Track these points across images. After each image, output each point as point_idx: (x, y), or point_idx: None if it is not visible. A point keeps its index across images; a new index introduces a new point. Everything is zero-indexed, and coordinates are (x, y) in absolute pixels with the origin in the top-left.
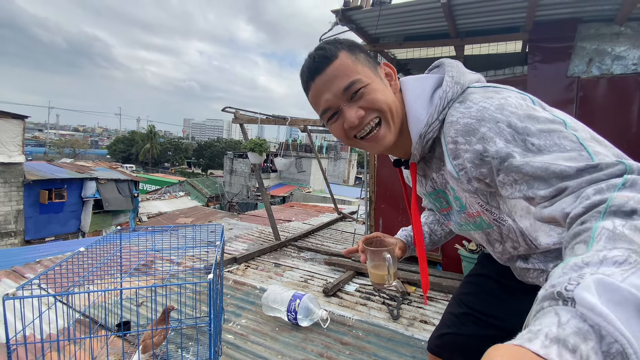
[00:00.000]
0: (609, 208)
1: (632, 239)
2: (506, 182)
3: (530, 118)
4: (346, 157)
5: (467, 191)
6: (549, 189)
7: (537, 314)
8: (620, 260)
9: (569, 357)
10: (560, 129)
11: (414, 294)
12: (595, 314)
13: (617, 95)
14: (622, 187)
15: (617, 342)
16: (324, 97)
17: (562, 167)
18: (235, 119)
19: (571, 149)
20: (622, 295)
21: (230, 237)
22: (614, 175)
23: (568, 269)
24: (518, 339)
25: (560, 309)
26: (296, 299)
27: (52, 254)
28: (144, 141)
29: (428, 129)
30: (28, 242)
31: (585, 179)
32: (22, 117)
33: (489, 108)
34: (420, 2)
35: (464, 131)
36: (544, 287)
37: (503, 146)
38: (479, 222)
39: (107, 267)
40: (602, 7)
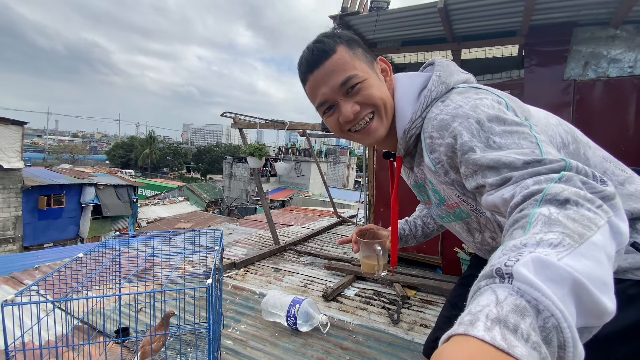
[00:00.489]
0: (545, 196)
1: (566, 224)
2: (467, 174)
3: (498, 119)
4: (345, 161)
5: (444, 183)
6: (497, 177)
7: (475, 294)
8: (555, 243)
9: (512, 337)
10: (523, 131)
11: (414, 298)
12: (533, 289)
13: (614, 98)
14: (559, 180)
15: (553, 316)
16: (320, 90)
17: (511, 159)
18: (234, 123)
19: (527, 147)
20: (558, 274)
21: (230, 242)
22: (554, 170)
23: (507, 250)
24: (460, 324)
25: (496, 286)
26: (296, 303)
27: (51, 260)
28: (143, 146)
29: (411, 125)
30: (27, 248)
31: (528, 171)
32: (21, 123)
33: (464, 106)
34: (417, 7)
35: (439, 126)
36: (484, 268)
37: (468, 140)
38: (459, 212)
39: (105, 273)
40: (597, 10)
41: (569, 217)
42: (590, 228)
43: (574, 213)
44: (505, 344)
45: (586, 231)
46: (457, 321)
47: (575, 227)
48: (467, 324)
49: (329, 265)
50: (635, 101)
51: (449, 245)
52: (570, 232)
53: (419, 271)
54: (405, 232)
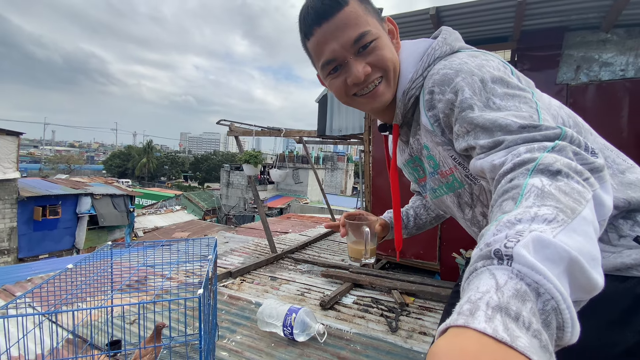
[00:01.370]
0: (538, 166)
1: (559, 198)
2: (459, 134)
3: (501, 81)
4: (343, 168)
5: (440, 144)
6: (490, 139)
7: (471, 275)
8: (549, 218)
9: (514, 326)
10: (525, 96)
11: (413, 305)
12: (535, 272)
13: (606, 101)
14: (552, 150)
15: (553, 299)
16: (330, 46)
17: (508, 121)
18: (230, 131)
19: (526, 111)
20: (557, 252)
21: (226, 250)
22: (548, 137)
23: (502, 225)
24: (459, 314)
25: (495, 268)
26: (292, 313)
27: (44, 272)
28: (141, 156)
29: (411, 85)
30: (21, 260)
31: (522, 136)
32: (16, 134)
33: (470, 63)
34: (410, 14)
35: (440, 81)
36: (478, 246)
37: (468, 96)
38: (452, 181)
39: (97, 284)
40: (587, 15)
41: (560, 189)
42: (580, 202)
43: (565, 185)
44: (507, 335)
45: (577, 205)
46: (456, 310)
47: (567, 201)
48: (467, 314)
49: (327, 273)
50: (628, 104)
51: (447, 251)
52: (563, 206)
53: (417, 277)
54: None
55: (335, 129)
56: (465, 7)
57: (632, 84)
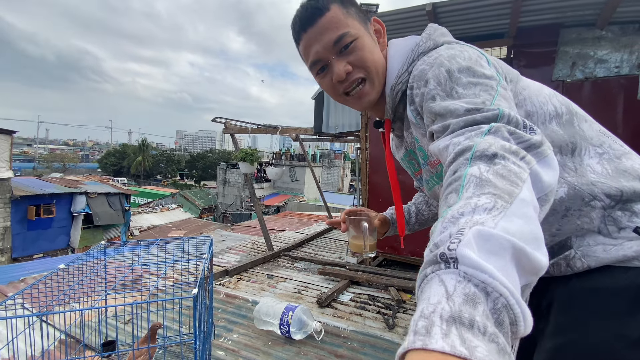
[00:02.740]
0: (475, 154)
1: (496, 183)
2: (427, 124)
3: (468, 70)
4: (340, 165)
5: (425, 135)
6: (440, 124)
7: (422, 283)
8: (489, 207)
9: (470, 336)
10: (488, 84)
11: (410, 302)
12: (479, 271)
13: (602, 98)
14: (487, 133)
15: (502, 295)
16: (313, 49)
17: (456, 106)
18: (226, 129)
19: (482, 98)
20: (499, 243)
21: (223, 248)
22: (487, 118)
23: (447, 222)
24: (415, 333)
25: (443, 273)
26: (289, 311)
27: (38, 272)
28: (136, 154)
29: (397, 80)
30: (15, 259)
31: (464, 118)
32: (9, 132)
33: (442, 56)
34: (406, 10)
35: (418, 76)
36: (428, 245)
37: (432, 88)
38: (441, 170)
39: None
40: (582, 12)
41: (497, 173)
42: (517, 184)
43: (502, 168)
44: (465, 349)
45: (514, 188)
46: (411, 328)
47: (504, 185)
48: (423, 332)
49: (324, 271)
50: (623, 100)
51: None
52: (500, 192)
53: (413, 274)
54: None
55: (332, 127)
56: (462, 3)
57: (627, 80)
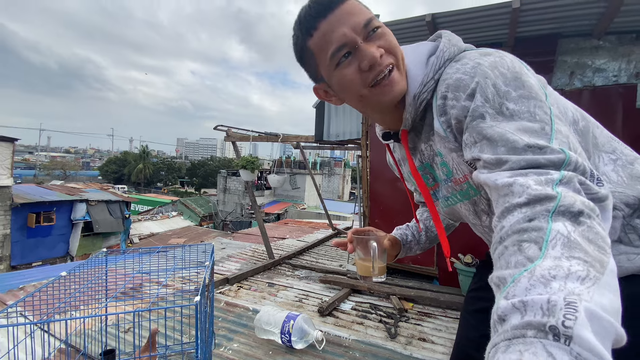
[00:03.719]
0: (559, 207)
1: (586, 249)
2: (468, 143)
3: (516, 80)
4: (340, 173)
5: (454, 150)
6: (493, 156)
7: (515, 340)
8: (582, 276)
9: None
10: (540, 98)
11: (412, 311)
12: (594, 355)
13: (600, 106)
14: (559, 183)
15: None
16: (339, 31)
17: (515, 138)
18: (228, 137)
19: (540, 119)
20: (605, 328)
21: (223, 256)
22: (553, 163)
23: (535, 280)
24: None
25: (550, 345)
26: (290, 319)
27: (37, 280)
28: (137, 161)
29: (423, 88)
30: (14, 267)
31: (525, 158)
32: (11, 140)
33: (483, 64)
34: (406, 21)
35: (454, 86)
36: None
37: (480, 104)
38: (466, 188)
39: (92, 292)
40: (580, 22)
41: (584, 236)
42: (605, 251)
43: (588, 230)
44: None
45: (603, 256)
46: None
47: (594, 252)
48: None
49: (325, 279)
50: (622, 109)
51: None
52: (591, 259)
53: (415, 283)
54: (408, 238)
55: (333, 135)
56: (461, 13)
57: (625, 89)
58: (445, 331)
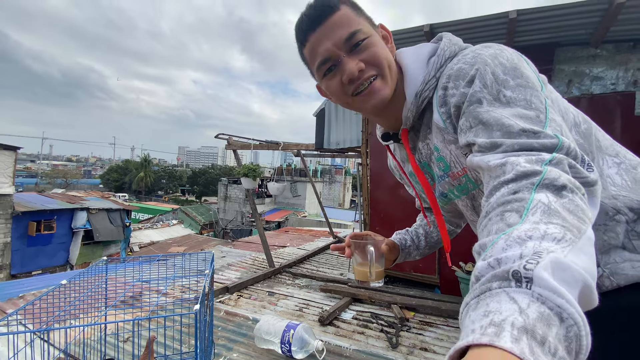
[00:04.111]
0: (543, 180)
1: (565, 216)
2: (464, 128)
3: (514, 70)
4: (341, 181)
5: (453, 142)
6: (488, 139)
7: (483, 295)
8: (558, 237)
9: (540, 351)
10: (536, 88)
11: (413, 320)
12: (557, 295)
13: (598, 114)
14: (549, 162)
15: (576, 324)
16: (323, 46)
17: (510, 122)
18: (229, 145)
19: (535, 107)
20: (572, 276)
21: (223, 265)
22: (546, 147)
23: (512, 241)
24: (482, 334)
25: (513, 291)
26: (290, 329)
27: (36, 288)
28: (138, 170)
29: (425, 87)
30: (14, 276)
31: (519, 141)
32: (14, 148)
33: (483, 54)
34: (405, 31)
35: (455, 76)
36: (484, 257)
37: (478, 90)
38: (464, 182)
39: (91, 300)
40: (576, 31)
41: (565, 207)
42: (584, 221)
43: (569, 202)
44: (533, 359)
45: (581, 224)
46: (474, 329)
47: (572, 220)
48: (492, 334)
49: (325, 288)
50: (620, 116)
51: (447, 264)
52: (569, 225)
53: (417, 291)
54: (407, 243)
55: (333, 142)
56: (458, 24)
57: (624, 97)
58: (447, 341)
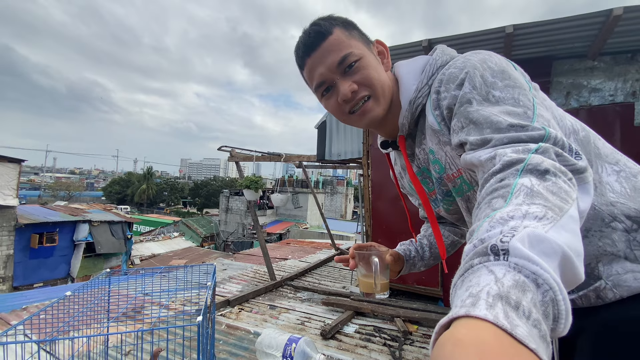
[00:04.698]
0: (526, 166)
1: (547, 197)
2: (455, 128)
3: (502, 73)
4: (342, 192)
5: (448, 143)
6: (479, 136)
7: (466, 272)
8: (540, 216)
9: (514, 315)
10: (524, 88)
11: (416, 333)
12: (531, 263)
13: (598, 125)
14: (535, 151)
15: (551, 289)
16: (318, 71)
17: (499, 119)
18: (231, 157)
19: (523, 105)
20: (551, 247)
21: (224, 278)
22: (533, 138)
23: (495, 222)
24: (461, 306)
25: (492, 264)
26: (292, 342)
27: (39, 300)
28: (140, 182)
29: (417, 94)
30: (16, 288)
31: (508, 135)
32: (18, 161)
33: (472, 59)
34: (404, 46)
35: (447, 80)
36: (470, 241)
37: (468, 91)
38: (459, 184)
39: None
40: (573, 44)
41: (548, 189)
42: (567, 201)
43: (552, 185)
44: (507, 323)
45: (564, 204)
46: (457, 304)
47: (555, 200)
48: (469, 305)
49: (327, 301)
50: (619, 128)
51: (450, 276)
52: (551, 204)
53: (420, 304)
54: (412, 254)
55: (335, 154)
56: (456, 38)
57: (623, 108)
58: None
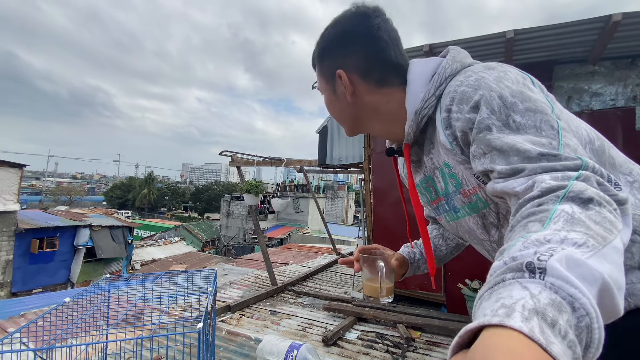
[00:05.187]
0: (568, 193)
1: (589, 225)
2: (476, 155)
3: (521, 94)
4: (344, 196)
5: (461, 163)
6: (508, 166)
7: (496, 285)
8: (579, 243)
9: (549, 332)
10: (546, 112)
11: (419, 340)
12: (569, 285)
13: (599, 130)
14: (576, 179)
15: (588, 315)
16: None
17: (527, 147)
18: (232, 161)
19: (546, 135)
20: (590, 273)
21: (225, 283)
22: (569, 168)
23: (529, 243)
24: (493, 315)
25: (526, 281)
26: (293, 349)
27: (37, 307)
28: (142, 187)
29: (424, 104)
30: (14, 294)
31: (542, 165)
32: (19, 166)
33: (487, 78)
34: (405, 51)
35: (459, 99)
36: (501, 258)
37: (486, 116)
38: (475, 200)
39: (92, 319)
40: (574, 49)
41: (591, 218)
42: (611, 232)
43: (596, 214)
44: (543, 338)
45: (608, 234)
46: (486, 313)
47: (598, 230)
48: (503, 315)
49: (329, 307)
50: (621, 131)
51: (453, 282)
52: (593, 233)
53: (423, 310)
54: (416, 257)
55: (336, 158)
56: (458, 43)
57: (624, 112)
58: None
